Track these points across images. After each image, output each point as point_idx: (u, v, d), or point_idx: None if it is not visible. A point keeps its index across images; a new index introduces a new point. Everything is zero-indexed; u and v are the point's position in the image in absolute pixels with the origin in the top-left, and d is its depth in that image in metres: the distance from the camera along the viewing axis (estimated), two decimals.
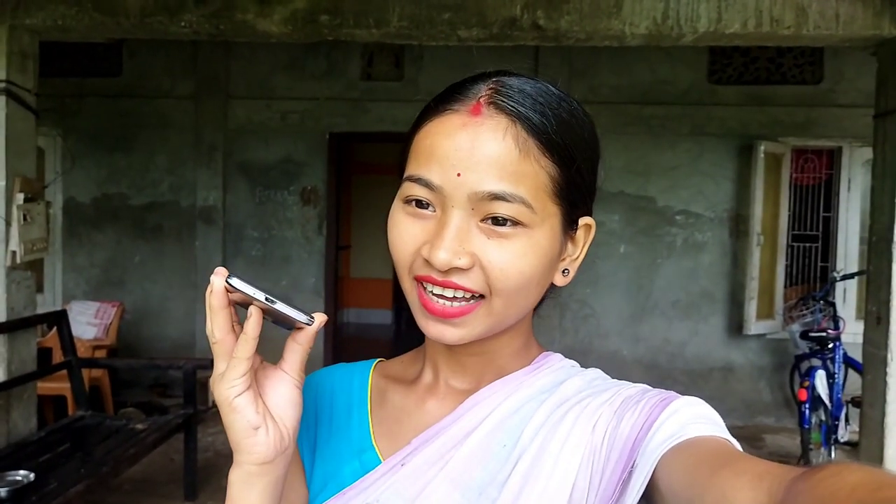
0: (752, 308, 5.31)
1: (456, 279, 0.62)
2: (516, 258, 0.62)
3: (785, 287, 5.56)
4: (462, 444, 0.66)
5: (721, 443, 0.55)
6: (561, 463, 0.61)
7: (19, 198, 3.42)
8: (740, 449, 0.55)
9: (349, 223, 8.44)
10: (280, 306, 0.59)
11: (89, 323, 5.09)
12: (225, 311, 0.59)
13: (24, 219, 3.45)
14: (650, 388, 0.66)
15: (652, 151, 5.52)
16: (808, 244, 5.62)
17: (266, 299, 0.58)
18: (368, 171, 8.08)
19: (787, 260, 5.56)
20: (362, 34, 3.37)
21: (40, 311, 4.16)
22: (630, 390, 0.65)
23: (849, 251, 5.48)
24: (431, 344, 0.74)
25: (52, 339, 4.62)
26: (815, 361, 4.53)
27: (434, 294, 0.63)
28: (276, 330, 0.64)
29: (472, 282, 0.62)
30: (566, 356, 0.76)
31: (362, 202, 8.33)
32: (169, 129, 5.73)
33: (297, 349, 0.63)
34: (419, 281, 0.64)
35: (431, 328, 0.64)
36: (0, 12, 3.30)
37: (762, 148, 5.24)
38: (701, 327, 5.58)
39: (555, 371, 0.72)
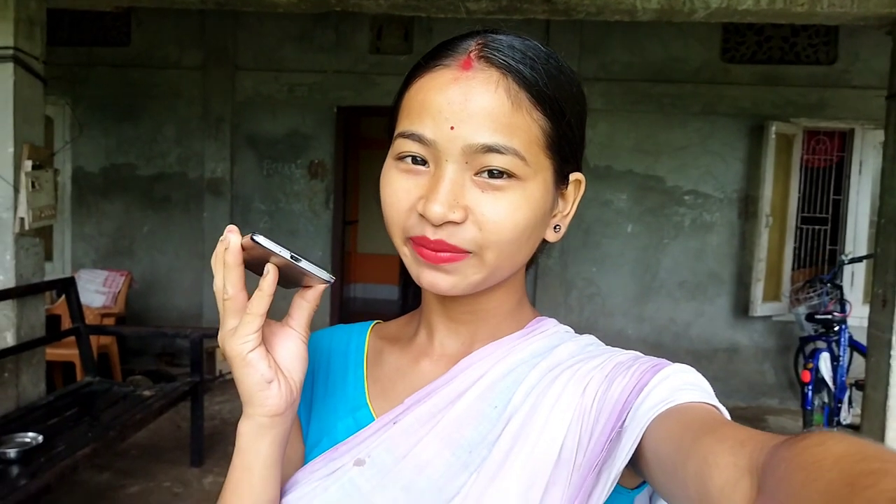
0: (758, 290, 5.29)
1: (447, 238, 0.62)
2: (511, 210, 0.62)
3: (793, 269, 5.54)
4: (454, 404, 0.67)
5: (708, 410, 0.55)
6: (550, 423, 0.61)
7: (27, 165, 3.44)
8: (728, 417, 0.55)
9: (356, 198, 8.43)
10: (304, 264, 0.60)
11: (98, 291, 5.14)
12: (240, 267, 0.60)
13: (33, 186, 3.47)
14: (642, 355, 0.66)
15: (662, 130, 5.47)
16: (817, 226, 5.58)
17: (291, 257, 0.59)
18: (376, 146, 8.05)
19: (795, 242, 5.53)
20: (370, 5, 3.34)
21: (49, 279, 4.20)
22: (622, 356, 0.66)
23: (858, 234, 5.44)
24: (427, 303, 0.75)
25: (60, 306, 4.67)
26: (820, 344, 4.53)
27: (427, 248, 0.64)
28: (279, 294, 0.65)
29: (461, 238, 0.62)
30: None
31: (370, 177, 8.32)
32: (177, 99, 5.73)
33: (304, 306, 0.65)
34: (413, 240, 0.64)
35: (425, 276, 0.65)
36: None
37: (773, 128, 5.19)
38: (707, 308, 5.57)
39: (548, 336, 0.72)
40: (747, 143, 5.43)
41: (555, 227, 0.70)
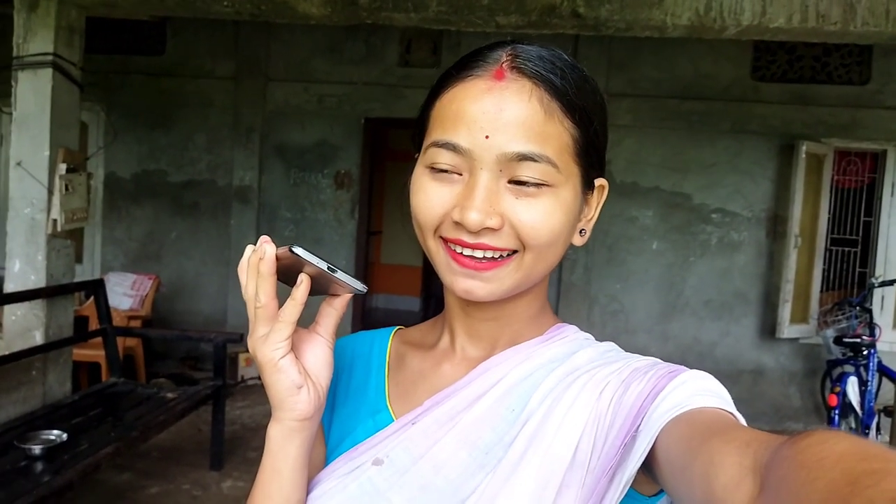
0: (786, 311, 5.21)
1: (487, 240, 0.63)
2: (546, 216, 0.63)
3: (821, 291, 5.45)
4: (472, 406, 0.68)
5: (720, 414, 0.55)
6: (565, 426, 0.62)
7: (61, 168, 3.52)
8: (743, 422, 0.55)
9: (381, 209, 8.49)
10: (340, 275, 0.62)
11: (125, 294, 5.22)
12: (273, 277, 0.62)
13: (66, 188, 3.55)
14: (661, 361, 0.66)
15: (690, 147, 5.44)
16: (847, 248, 5.49)
17: (328, 268, 0.61)
18: (402, 158, 8.11)
19: (824, 264, 5.44)
20: (401, 18, 3.38)
21: (79, 280, 4.28)
22: (640, 362, 0.66)
23: (889, 257, 5.34)
24: (450, 309, 0.76)
25: (88, 308, 4.75)
26: (848, 368, 4.45)
27: (464, 255, 0.65)
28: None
29: (503, 241, 0.64)
30: None
31: (395, 189, 8.37)
32: (209, 108, 5.83)
33: (332, 313, 0.67)
34: (447, 241, 0.65)
35: (460, 283, 0.66)
36: None
37: (804, 148, 5.12)
38: (732, 328, 5.49)
39: (568, 342, 0.73)
40: (777, 162, 5.37)
41: (580, 231, 0.71)
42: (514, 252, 0.65)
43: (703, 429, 0.52)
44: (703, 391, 0.58)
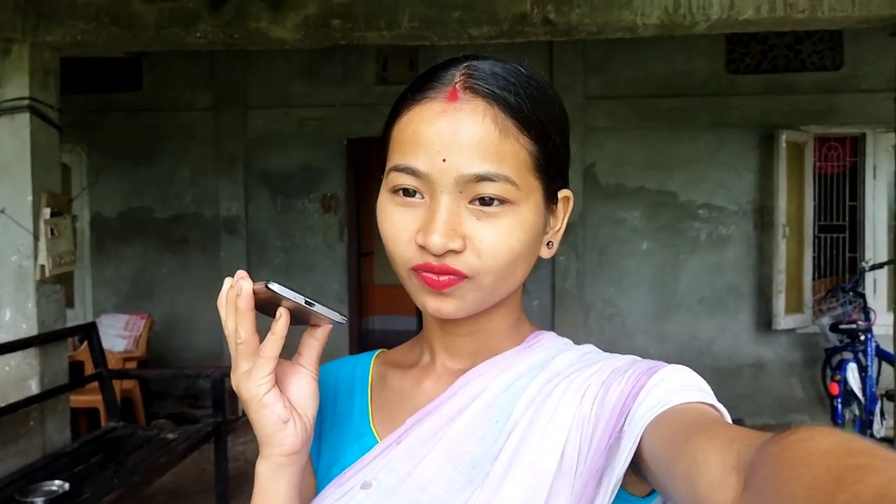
0: (780, 302, 5.22)
1: (450, 262, 0.63)
2: (506, 236, 0.64)
3: (813, 279, 5.47)
4: (455, 421, 0.68)
5: (703, 410, 0.55)
6: (549, 433, 0.62)
7: (46, 212, 3.49)
8: (728, 417, 0.56)
9: (370, 230, 8.48)
10: (318, 308, 0.63)
11: (119, 335, 5.17)
12: (252, 312, 0.62)
13: (52, 233, 3.52)
14: (639, 358, 0.67)
15: (671, 145, 5.47)
16: (835, 234, 5.52)
17: (306, 302, 0.62)
18: None
19: (814, 251, 5.47)
20: (374, 37, 3.40)
21: (71, 325, 4.23)
22: (619, 361, 0.67)
23: (877, 240, 5.37)
24: (428, 327, 0.76)
25: (83, 352, 4.70)
26: (847, 354, 4.46)
27: (431, 277, 0.65)
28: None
29: (463, 264, 0.64)
30: None
31: None
32: (190, 141, 5.82)
33: (314, 344, 0.68)
34: (416, 269, 0.66)
35: (430, 302, 0.66)
36: (21, 31, 3.38)
37: (784, 137, 5.17)
38: (729, 323, 5.50)
39: (546, 349, 0.73)
40: (758, 153, 5.40)
41: (548, 244, 0.72)
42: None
43: (686, 426, 0.52)
44: (683, 386, 0.58)
